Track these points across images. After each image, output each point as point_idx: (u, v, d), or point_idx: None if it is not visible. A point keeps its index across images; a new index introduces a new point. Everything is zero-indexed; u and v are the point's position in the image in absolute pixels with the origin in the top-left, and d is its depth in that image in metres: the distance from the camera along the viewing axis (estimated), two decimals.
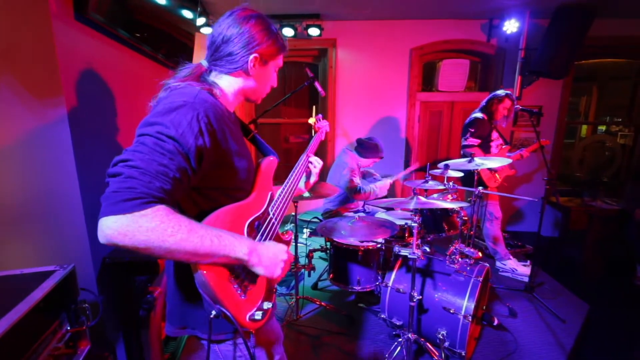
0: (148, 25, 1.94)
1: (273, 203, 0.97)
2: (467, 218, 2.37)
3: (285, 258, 0.83)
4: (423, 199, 1.76)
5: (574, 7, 3.04)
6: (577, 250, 3.16)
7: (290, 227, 3.24)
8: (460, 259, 1.96)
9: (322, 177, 3.78)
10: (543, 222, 2.52)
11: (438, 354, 1.79)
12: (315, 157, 1.22)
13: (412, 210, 1.75)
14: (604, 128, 4.22)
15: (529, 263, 2.94)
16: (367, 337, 2.11)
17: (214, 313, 0.72)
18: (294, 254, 2.32)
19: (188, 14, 2.44)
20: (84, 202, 1.34)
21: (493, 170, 2.83)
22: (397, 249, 1.69)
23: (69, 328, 1.06)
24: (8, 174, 1.22)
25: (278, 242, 0.97)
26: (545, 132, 3.77)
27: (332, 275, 2.32)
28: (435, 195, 2.35)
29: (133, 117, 1.77)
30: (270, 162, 1.00)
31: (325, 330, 2.17)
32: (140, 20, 1.86)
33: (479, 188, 2.21)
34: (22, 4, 1.16)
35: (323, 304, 2.33)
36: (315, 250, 2.60)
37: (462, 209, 2.33)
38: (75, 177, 1.31)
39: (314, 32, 3.37)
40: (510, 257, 2.95)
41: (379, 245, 2.19)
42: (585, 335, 2.14)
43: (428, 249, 1.98)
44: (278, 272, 0.81)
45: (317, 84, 2.34)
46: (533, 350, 1.98)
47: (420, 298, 1.87)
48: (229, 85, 0.89)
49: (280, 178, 1.07)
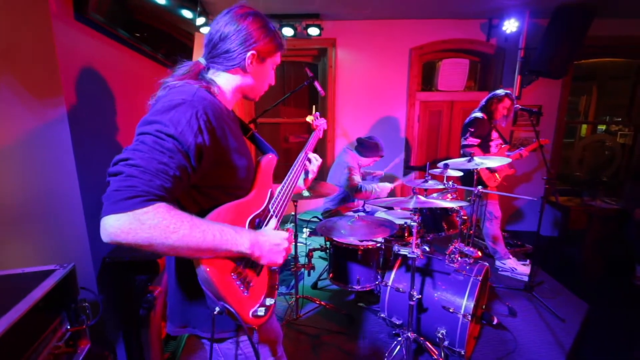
0: (148, 25, 1.94)
1: (273, 200, 0.97)
2: (466, 217, 2.37)
3: (286, 245, 0.84)
4: (422, 199, 1.76)
5: (574, 6, 3.04)
6: (576, 250, 3.16)
7: (290, 226, 3.24)
8: (460, 258, 1.97)
9: (322, 176, 3.81)
10: (543, 221, 2.52)
11: (437, 353, 1.80)
12: (314, 154, 1.22)
13: (411, 210, 1.75)
14: (604, 128, 4.22)
15: (529, 262, 2.95)
16: (366, 336, 2.12)
17: (218, 310, 0.72)
18: (294, 254, 2.32)
19: (188, 14, 2.44)
20: (84, 201, 1.34)
21: (492, 171, 2.84)
22: (396, 248, 1.70)
23: (69, 327, 1.06)
24: (8, 174, 1.22)
25: None
26: (545, 131, 3.77)
27: (331, 275, 2.33)
28: (435, 195, 2.35)
29: (133, 116, 1.77)
30: (270, 159, 1.01)
31: (325, 330, 2.17)
32: (140, 20, 1.86)
33: (479, 187, 2.21)
34: (22, 4, 1.16)
35: (323, 303, 2.34)
36: (315, 250, 2.60)
37: (461, 209, 2.33)
38: (75, 176, 1.31)
39: (314, 31, 3.38)
40: (510, 256, 2.95)
41: (379, 245, 2.19)
42: (585, 335, 2.14)
43: (427, 248, 1.98)
44: (280, 260, 0.83)
45: (316, 84, 2.35)
46: (532, 349, 1.98)
47: (420, 297, 1.88)
48: (227, 83, 0.89)
49: (280, 177, 1.07)
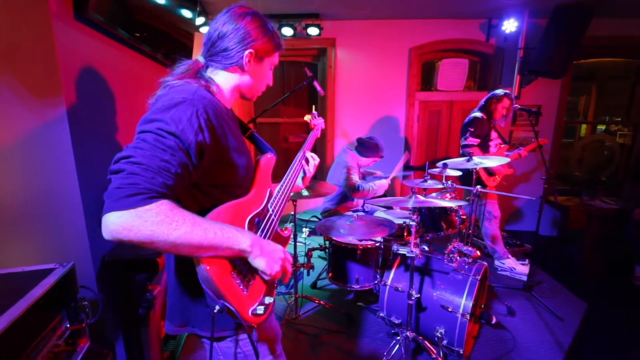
0: (148, 25, 1.95)
1: (272, 199, 0.98)
2: (465, 217, 2.37)
3: (283, 257, 0.84)
4: (421, 198, 1.77)
5: (573, 6, 3.05)
6: (575, 250, 3.16)
7: (290, 226, 3.24)
8: (459, 258, 1.97)
9: (322, 176, 3.81)
10: (542, 221, 2.53)
11: (436, 352, 1.80)
12: (312, 153, 1.23)
13: (410, 209, 1.76)
14: (604, 127, 4.23)
15: (528, 262, 2.95)
16: (366, 335, 2.12)
17: (218, 308, 0.72)
18: (294, 253, 2.32)
19: (187, 14, 2.45)
20: (84, 201, 1.34)
21: (491, 174, 2.85)
22: (395, 248, 1.70)
23: (69, 325, 1.07)
24: (8, 173, 1.23)
25: (277, 238, 0.98)
26: (544, 131, 3.78)
27: (331, 274, 2.33)
28: (434, 195, 2.36)
29: (133, 116, 1.78)
30: (269, 159, 1.01)
31: (324, 329, 2.17)
32: (140, 20, 1.87)
33: (477, 187, 2.22)
34: (22, 4, 1.16)
35: (322, 303, 2.34)
36: (314, 249, 2.61)
37: (460, 208, 2.34)
38: (75, 176, 1.31)
39: (313, 31, 3.38)
40: (509, 256, 2.96)
41: (378, 244, 2.20)
42: (583, 334, 2.15)
43: (427, 248, 1.99)
44: (277, 268, 0.82)
45: (316, 84, 2.35)
46: (531, 349, 1.99)
47: (419, 296, 1.88)
48: (225, 81, 0.89)
49: (279, 177, 1.08)
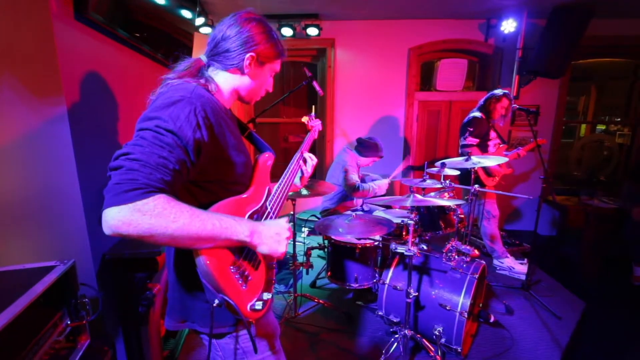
0: (147, 25, 1.96)
1: (270, 197, 0.99)
2: (463, 216, 2.38)
3: (287, 234, 0.83)
4: (419, 197, 1.78)
5: (571, 7, 3.06)
6: (574, 249, 3.18)
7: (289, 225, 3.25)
8: (457, 257, 1.98)
9: (321, 175, 3.82)
10: (541, 221, 2.54)
11: (434, 350, 1.81)
12: (309, 153, 1.24)
13: (409, 208, 1.77)
14: (604, 127, 4.24)
15: (526, 261, 2.96)
16: (364, 334, 2.13)
17: (217, 302, 0.73)
18: (293, 252, 2.33)
19: (187, 14, 2.46)
20: (84, 199, 1.35)
21: (490, 175, 2.86)
22: (393, 246, 1.71)
23: (69, 322, 1.08)
24: (10, 172, 1.24)
25: None
26: (543, 131, 3.79)
27: (329, 273, 2.34)
28: (433, 194, 2.37)
29: (132, 115, 1.79)
30: (267, 158, 1.03)
31: (324, 328, 2.18)
32: (140, 20, 1.88)
33: (475, 186, 2.23)
34: (23, 5, 1.17)
35: (321, 302, 2.35)
36: (314, 248, 2.62)
37: (459, 207, 2.35)
38: (75, 175, 1.32)
39: (313, 32, 3.39)
40: (508, 255, 2.97)
41: (377, 243, 2.21)
42: (581, 332, 2.16)
43: (425, 247, 2.00)
44: (282, 248, 0.81)
45: (315, 84, 2.36)
46: (529, 347, 2.00)
47: (417, 295, 1.89)
48: (225, 82, 0.91)
49: (278, 176, 1.09)
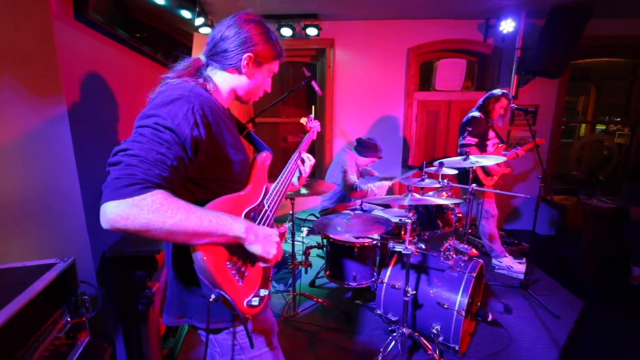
0: (147, 26, 1.97)
1: (268, 196, 1.00)
2: (461, 215, 2.39)
3: (278, 240, 0.85)
4: (417, 196, 1.79)
5: (570, 7, 3.07)
6: (573, 249, 3.18)
7: (288, 224, 3.27)
8: (455, 255, 1.99)
9: (321, 175, 3.83)
10: (540, 220, 2.55)
11: (432, 349, 1.82)
12: (307, 154, 1.25)
13: (407, 208, 1.78)
14: (604, 127, 4.24)
15: (525, 261, 2.97)
16: (363, 332, 2.14)
17: (214, 297, 0.74)
18: (292, 252, 2.34)
19: (187, 14, 2.47)
20: (84, 198, 1.36)
21: (488, 174, 2.87)
22: (391, 245, 1.72)
23: (69, 319, 1.09)
24: (10, 171, 1.25)
25: None
26: (542, 131, 3.79)
27: (328, 272, 2.35)
28: (431, 193, 2.38)
29: (132, 115, 1.80)
30: (265, 157, 1.04)
31: (323, 327, 2.19)
32: (140, 21, 1.89)
33: (473, 185, 2.23)
34: (23, 5, 1.18)
35: (320, 301, 2.36)
36: (312, 247, 2.63)
37: (456, 206, 2.36)
38: (76, 174, 1.33)
39: (312, 32, 3.40)
40: (506, 254, 2.98)
41: (375, 242, 2.22)
42: (579, 331, 2.17)
43: (423, 246, 2.01)
44: (273, 251, 0.83)
45: (313, 83, 2.37)
46: (527, 345, 2.01)
47: (415, 293, 1.90)
48: (223, 81, 0.92)
49: (277, 175, 1.10)
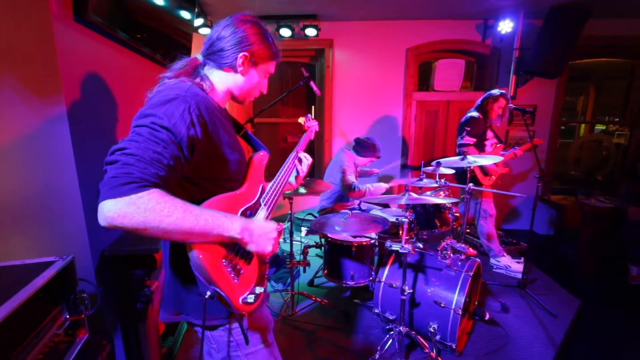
0: (147, 27, 1.98)
1: (264, 195, 1.01)
2: (459, 214, 2.40)
3: (275, 235, 0.86)
4: (414, 195, 1.80)
5: (567, 7, 3.08)
6: (571, 248, 3.19)
7: (287, 224, 3.27)
8: (452, 255, 2.00)
9: (320, 174, 3.84)
10: (538, 220, 2.56)
11: (429, 347, 1.83)
12: (305, 153, 1.26)
13: (404, 207, 1.79)
14: (604, 127, 4.25)
15: (523, 260, 2.98)
16: (361, 331, 2.15)
17: (209, 294, 0.75)
18: (290, 251, 2.36)
19: (186, 15, 2.48)
20: (83, 197, 1.38)
21: (487, 174, 2.88)
22: (388, 244, 1.73)
23: (68, 316, 1.10)
24: (10, 171, 1.27)
25: None
26: (540, 131, 3.81)
27: (326, 271, 2.36)
28: (429, 193, 2.39)
29: (131, 115, 1.80)
30: (262, 156, 1.05)
31: (321, 326, 2.20)
32: (139, 22, 1.90)
33: (469, 185, 2.24)
34: (23, 7, 1.20)
35: (318, 300, 2.37)
36: (311, 247, 2.64)
37: (453, 206, 2.37)
38: (75, 173, 1.35)
39: (311, 32, 3.42)
40: (504, 254, 2.99)
41: (372, 241, 2.23)
42: (576, 330, 2.18)
43: (421, 245, 2.02)
44: (269, 247, 0.84)
45: (312, 84, 2.38)
46: (523, 344, 2.02)
47: (412, 292, 1.91)
48: (219, 81, 0.93)
49: (274, 176, 1.11)
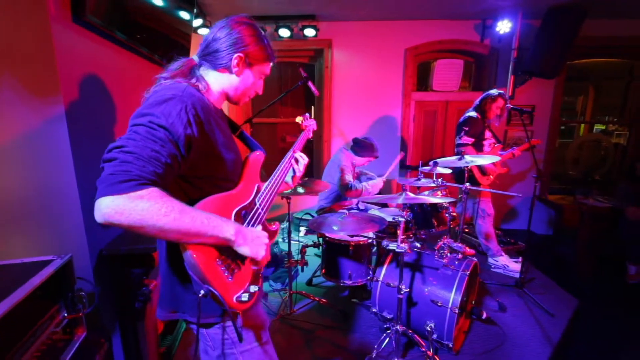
0: (145, 27, 1.99)
1: (260, 194, 1.02)
2: (456, 214, 2.41)
3: (267, 242, 0.89)
4: (411, 195, 1.81)
5: (566, 7, 3.08)
6: (569, 248, 3.20)
7: (285, 224, 3.29)
8: (449, 254, 2.01)
9: (318, 174, 3.85)
10: (536, 220, 2.56)
11: (426, 346, 1.84)
12: (301, 153, 1.27)
13: (402, 207, 1.80)
14: (604, 127, 4.26)
15: (521, 259, 2.98)
16: (358, 330, 2.16)
17: (203, 292, 0.77)
18: (288, 250, 2.37)
19: (185, 15, 2.49)
20: (81, 196, 1.39)
21: (485, 173, 2.89)
22: (385, 243, 1.74)
23: (66, 315, 1.11)
24: (9, 171, 1.28)
25: (264, 230, 1.02)
26: (539, 131, 3.81)
27: (324, 270, 2.37)
28: (426, 193, 2.40)
29: (129, 115, 1.81)
30: (257, 156, 1.06)
31: (319, 325, 2.21)
32: (138, 22, 1.90)
33: (466, 184, 2.25)
34: (22, 8, 1.21)
35: (316, 299, 2.38)
36: (308, 246, 2.65)
37: (451, 205, 2.38)
38: (73, 173, 1.36)
39: (310, 32, 3.43)
40: (502, 253, 2.99)
41: (370, 241, 2.24)
42: (573, 329, 2.18)
43: (419, 245, 2.03)
44: (262, 252, 0.87)
45: (310, 84, 2.39)
46: (520, 343, 2.03)
47: (408, 290, 1.92)
48: (215, 81, 0.95)
49: (271, 174, 1.12)
